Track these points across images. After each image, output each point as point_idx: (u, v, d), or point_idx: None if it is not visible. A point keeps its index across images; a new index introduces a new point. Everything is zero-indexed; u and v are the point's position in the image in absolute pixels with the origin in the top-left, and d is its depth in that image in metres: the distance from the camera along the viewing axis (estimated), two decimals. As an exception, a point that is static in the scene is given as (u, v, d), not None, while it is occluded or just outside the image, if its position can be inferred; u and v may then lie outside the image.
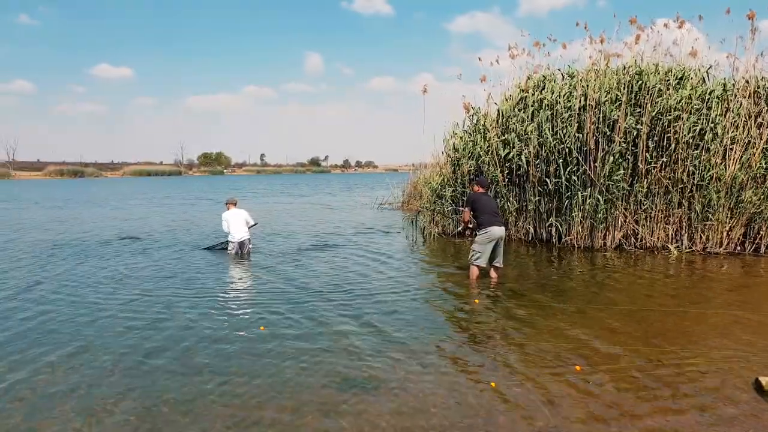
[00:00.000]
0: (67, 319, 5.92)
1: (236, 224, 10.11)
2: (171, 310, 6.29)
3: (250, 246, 10.29)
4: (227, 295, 7.15)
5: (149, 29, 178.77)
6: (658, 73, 10.33)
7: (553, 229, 10.81)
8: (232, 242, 10.12)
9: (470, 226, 8.00)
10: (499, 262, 7.72)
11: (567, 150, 10.33)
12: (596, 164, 10.11)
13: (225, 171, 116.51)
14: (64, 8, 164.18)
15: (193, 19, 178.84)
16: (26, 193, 38.59)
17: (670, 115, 9.89)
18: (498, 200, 11.00)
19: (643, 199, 10.09)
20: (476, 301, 6.62)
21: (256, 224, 10.75)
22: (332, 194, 34.53)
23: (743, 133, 9.60)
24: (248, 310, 6.29)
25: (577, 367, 4.41)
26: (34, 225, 15.99)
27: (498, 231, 7.49)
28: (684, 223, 10.13)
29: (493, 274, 7.74)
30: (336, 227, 14.84)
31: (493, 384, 4.10)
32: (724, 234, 9.81)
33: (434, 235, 12.23)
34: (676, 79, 10.27)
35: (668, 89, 10.09)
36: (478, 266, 7.62)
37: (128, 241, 12.12)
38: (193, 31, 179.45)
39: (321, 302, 6.59)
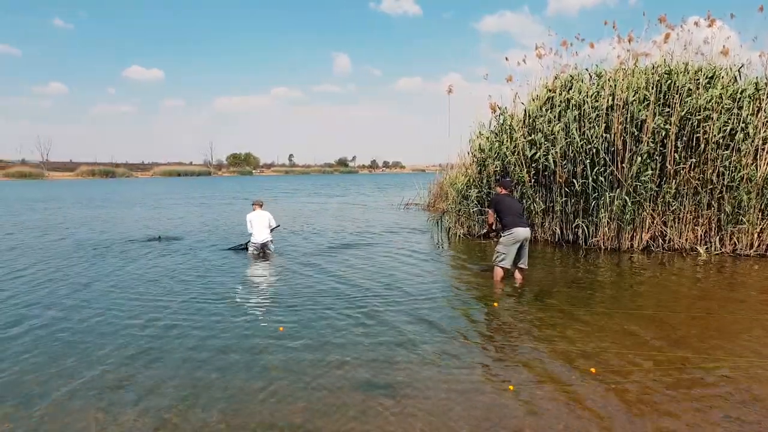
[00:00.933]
0: (114, 321, 6.17)
1: (258, 226, 10.29)
2: (188, 311, 6.51)
3: (272, 248, 10.47)
4: (249, 297, 7.35)
5: (178, 31, 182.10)
6: (688, 73, 10.19)
7: (580, 231, 10.75)
8: (253, 243, 10.32)
9: (494, 228, 8.00)
10: (524, 264, 7.71)
11: (594, 150, 10.26)
12: (624, 165, 10.02)
13: (253, 171, 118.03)
14: (97, 12, 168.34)
15: (221, 20, 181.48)
16: (63, 192, 39.77)
17: (699, 115, 9.76)
18: (524, 201, 10.99)
19: (671, 200, 9.97)
20: (495, 304, 6.64)
21: (278, 226, 10.96)
22: (363, 194, 34.79)
23: (776, 133, 9.41)
24: (267, 311, 6.47)
25: (593, 370, 4.43)
26: (80, 223, 16.54)
27: (523, 232, 7.47)
28: (713, 225, 9.97)
29: (518, 275, 7.73)
30: (361, 227, 15.01)
31: (511, 387, 4.16)
32: (755, 236, 9.63)
33: (459, 236, 12.27)
34: (706, 78, 10.12)
35: (698, 89, 9.95)
36: (502, 268, 7.63)
37: (165, 240, 12.46)
38: (221, 33, 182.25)
39: (343, 303, 6.72)
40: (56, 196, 34.28)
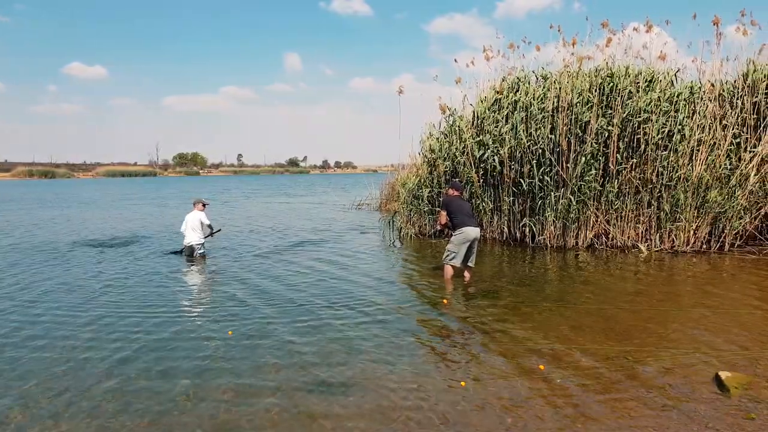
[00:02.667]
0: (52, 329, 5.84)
1: (188, 226, 9.89)
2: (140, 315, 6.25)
3: (201, 251, 9.97)
4: (191, 302, 7.13)
5: (121, 28, 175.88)
6: (629, 76, 10.54)
7: (527, 229, 10.97)
8: (183, 244, 10.00)
9: (448, 226, 8.03)
10: (472, 263, 7.86)
11: (540, 151, 10.49)
12: (569, 165, 10.28)
13: (201, 171, 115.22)
14: (34, 5, 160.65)
15: (166, 18, 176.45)
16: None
17: (640, 117, 10.12)
18: (473, 201, 11.13)
19: (614, 199, 10.30)
20: (445, 301, 6.70)
21: (219, 231, 10.68)
22: (314, 194, 34.45)
23: (709, 134, 9.86)
24: (217, 314, 6.29)
25: (541, 366, 4.50)
26: (21, 226, 15.67)
27: (473, 232, 7.59)
28: (653, 223, 10.36)
29: (466, 274, 7.85)
30: (312, 227, 14.85)
31: (463, 383, 4.17)
32: (691, 233, 10.06)
33: (411, 235, 12.31)
34: (645, 81, 10.50)
35: (638, 91, 10.32)
36: (452, 266, 7.73)
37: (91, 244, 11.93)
38: (166, 31, 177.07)
39: (291, 304, 6.62)
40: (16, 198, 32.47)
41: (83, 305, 6.57)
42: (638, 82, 10.46)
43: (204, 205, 10.26)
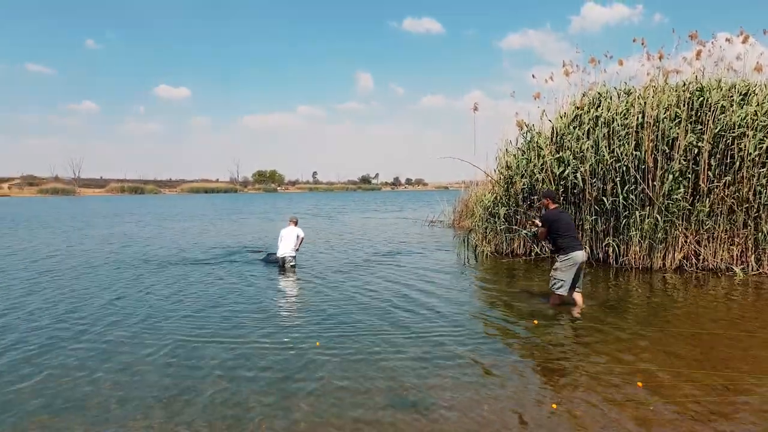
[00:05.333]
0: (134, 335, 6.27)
1: (284, 241, 10.73)
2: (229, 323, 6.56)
3: (293, 263, 10.72)
4: (288, 312, 7.38)
5: (204, 51, 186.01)
6: (721, 89, 10.03)
7: (610, 249, 10.56)
8: (277, 256, 10.76)
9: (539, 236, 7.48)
10: (580, 286, 7.18)
11: (624, 168, 10.13)
12: (655, 183, 9.86)
13: (278, 189, 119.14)
14: (126, 33, 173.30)
15: (246, 41, 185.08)
16: (96, 208, 40.67)
17: (734, 132, 9.58)
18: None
19: (705, 218, 9.76)
20: (535, 321, 6.54)
21: (303, 238, 11.25)
22: (386, 211, 34.81)
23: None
24: (304, 326, 6.48)
25: (639, 384, 4.37)
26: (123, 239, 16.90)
27: (581, 256, 6.91)
28: (750, 244, 9.72)
29: (578, 299, 7.18)
30: (383, 244, 14.99)
31: (554, 406, 4.09)
32: (795, 256, 9.35)
33: (487, 253, 12.16)
34: (740, 95, 9.95)
35: (732, 105, 9.78)
36: (560, 295, 7.07)
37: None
38: (245, 53, 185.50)
39: (371, 320, 6.72)
40: (122, 211, 35.07)
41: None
42: (731, 96, 9.92)
43: (296, 222, 11.18)
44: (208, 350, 5.50)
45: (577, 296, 7.18)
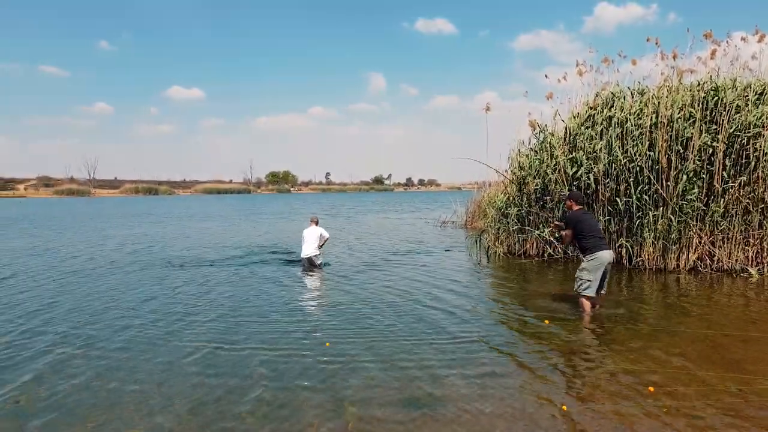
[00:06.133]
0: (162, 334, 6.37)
1: (307, 241, 10.83)
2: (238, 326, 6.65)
3: (318, 262, 10.85)
4: (297, 311, 7.45)
5: (217, 52, 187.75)
6: (736, 89, 9.94)
7: (624, 250, 10.51)
8: (301, 257, 10.89)
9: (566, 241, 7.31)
10: (604, 289, 6.99)
11: (638, 168, 10.08)
12: (669, 183, 9.80)
13: (291, 189, 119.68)
14: (139, 34, 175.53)
15: (258, 41, 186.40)
16: (116, 210, 41.16)
17: (749, 132, 9.49)
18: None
19: (719, 219, 9.68)
20: (546, 322, 6.54)
21: (327, 238, 11.36)
22: (403, 211, 34.86)
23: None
24: (315, 326, 6.54)
25: (651, 389, 4.35)
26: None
27: (608, 255, 6.75)
28: (765, 245, 9.62)
29: (596, 302, 7.01)
30: (399, 244, 15.04)
31: (564, 407, 4.10)
32: (812, 257, 9.24)
33: (499, 254, 12.15)
34: (755, 94, 9.86)
35: (747, 105, 9.69)
36: (587, 297, 6.83)
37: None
38: (258, 53, 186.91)
39: (387, 319, 6.77)
40: (145, 212, 35.50)
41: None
42: (747, 96, 9.83)
43: (317, 222, 11.33)
44: (246, 351, 5.56)
45: (598, 300, 7.04)
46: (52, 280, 9.72)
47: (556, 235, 7.44)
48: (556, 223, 7.87)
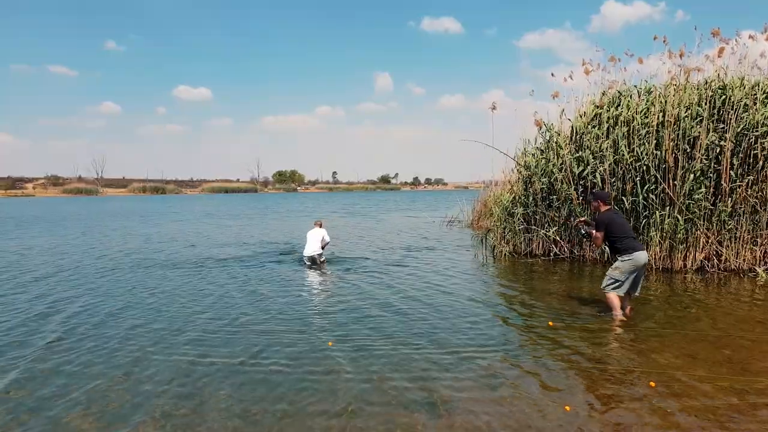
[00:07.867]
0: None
1: (310, 241, 11.16)
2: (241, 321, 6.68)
3: (322, 260, 11.23)
4: (301, 311, 7.48)
5: (224, 52, 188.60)
6: (744, 88, 9.87)
7: (630, 249, 10.44)
8: (304, 255, 11.19)
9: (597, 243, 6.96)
10: (637, 291, 6.80)
11: (644, 167, 10.03)
12: (675, 182, 9.75)
13: (298, 188, 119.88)
14: (147, 34, 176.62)
15: (265, 41, 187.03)
16: (124, 207, 41.44)
17: (757, 131, 9.42)
18: (572, 219, 10.83)
19: (727, 218, 9.61)
20: (551, 323, 6.53)
21: (328, 242, 11.56)
22: (408, 210, 34.85)
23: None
24: (318, 325, 6.57)
25: (652, 383, 4.38)
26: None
27: (644, 257, 6.53)
28: (774, 245, 9.54)
29: (626, 304, 6.85)
30: (404, 244, 15.04)
31: (567, 408, 4.10)
32: (820, 257, 9.16)
33: (505, 253, 12.13)
34: (764, 93, 9.78)
35: (755, 104, 9.62)
36: (614, 296, 6.65)
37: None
38: (265, 53, 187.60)
39: (390, 319, 6.79)
40: (151, 211, 35.74)
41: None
42: (755, 94, 9.75)
43: (321, 225, 11.67)
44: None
45: (627, 302, 6.83)
46: (82, 280, 9.84)
47: (582, 232, 7.18)
48: (584, 219, 7.50)
